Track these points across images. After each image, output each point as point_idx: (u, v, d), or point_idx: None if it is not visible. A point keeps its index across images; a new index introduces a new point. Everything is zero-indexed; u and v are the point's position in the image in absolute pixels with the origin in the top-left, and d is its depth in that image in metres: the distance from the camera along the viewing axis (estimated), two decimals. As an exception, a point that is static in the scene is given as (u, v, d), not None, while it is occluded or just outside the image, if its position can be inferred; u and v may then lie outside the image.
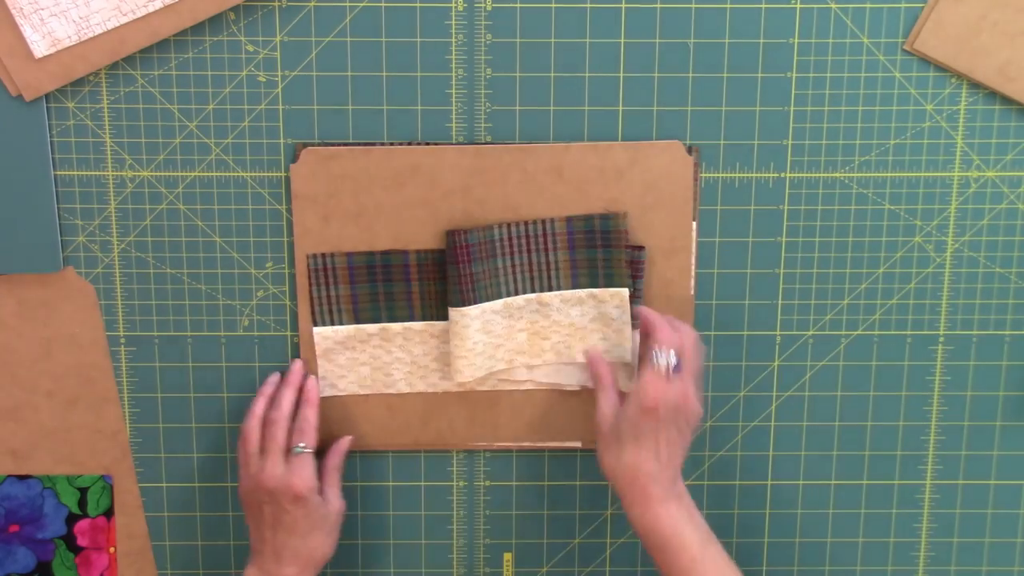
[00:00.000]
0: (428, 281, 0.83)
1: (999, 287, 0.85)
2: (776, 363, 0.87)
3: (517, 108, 0.82)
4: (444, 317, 0.84)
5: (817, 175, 0.84)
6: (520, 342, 0.84)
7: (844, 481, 0.88)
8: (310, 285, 0.83)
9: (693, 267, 0.84)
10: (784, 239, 0.85)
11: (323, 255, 0.82)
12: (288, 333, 0.86)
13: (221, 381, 0.86)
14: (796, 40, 0.81)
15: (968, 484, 0.89)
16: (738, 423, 0.88)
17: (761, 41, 0.81)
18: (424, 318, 0.84)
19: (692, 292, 0.85)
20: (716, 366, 0.86)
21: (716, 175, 0.83)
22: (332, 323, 0.83)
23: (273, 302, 0.85)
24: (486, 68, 0.82)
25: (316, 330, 0.83)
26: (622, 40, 0.81)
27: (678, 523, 0.76)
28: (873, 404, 0.87)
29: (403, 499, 0.88)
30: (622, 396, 0.80)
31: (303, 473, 0.78)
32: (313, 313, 0.83)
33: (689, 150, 0.82)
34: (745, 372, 0.87)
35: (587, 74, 0.82)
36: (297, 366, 0.84)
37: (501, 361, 0.84)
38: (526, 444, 0.87)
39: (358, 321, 0.84)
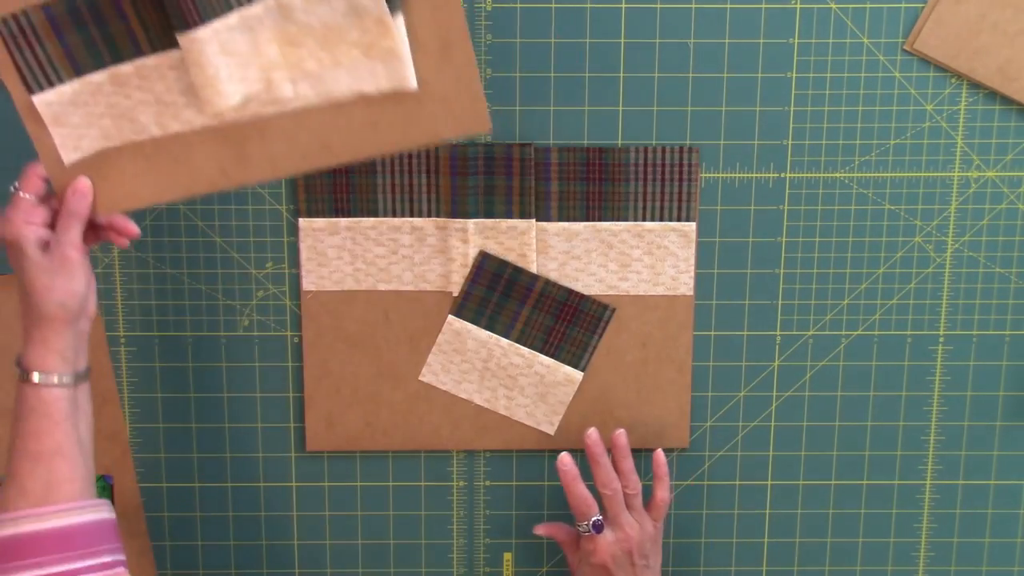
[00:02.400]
0: (145, 8, 0.69)
1: (999, 287, 0.85)
2: (776, 363, 0.87)
3: (517, 108, 0.82)
4: (177, 44, 0.70)
5: (817, 175, 0.84)
6: (272, 56, 0.73)
7: (844, 481, 0.88)
8: (11, 54, 0.70)
9: (692, 262, 0.84)
10: (784, 239, 0.85)
11: (14, 16, 0.69)
12: (288, 333, 0.86)
13: (221, 381, 0.86)
14: (796, 40, 0.81)
15: (968, 484, 0.89)
16: (738, 423, 0.88)
17: (761, 41, 0.81)
18: (154, 50, 0.71)
19: (692, 292, 0.85)
20: (716, 366, 0.86)
21: (716, 175, 0.83)
22: (51, 84, 0.71)
23: (273, 302, 0.85)
24: (486, 68, 0.81)
25: (35, 98, 0.70)
26: (622, 40, 0.81)
27: None
28: (873, 404, 0.87)
29: (403, 499, 0.88)
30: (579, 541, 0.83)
31: (8, 216, 0.69)
32: (25, 81, 0.70)
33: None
34: (745, 372, 0.87)
35: (587, 74, 0.82)
36: None
37: (256, 82, 0.73)
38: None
39: (79, 74, 0.71)
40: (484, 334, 0.85)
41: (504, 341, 0.85)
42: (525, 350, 0.85)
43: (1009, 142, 0.83)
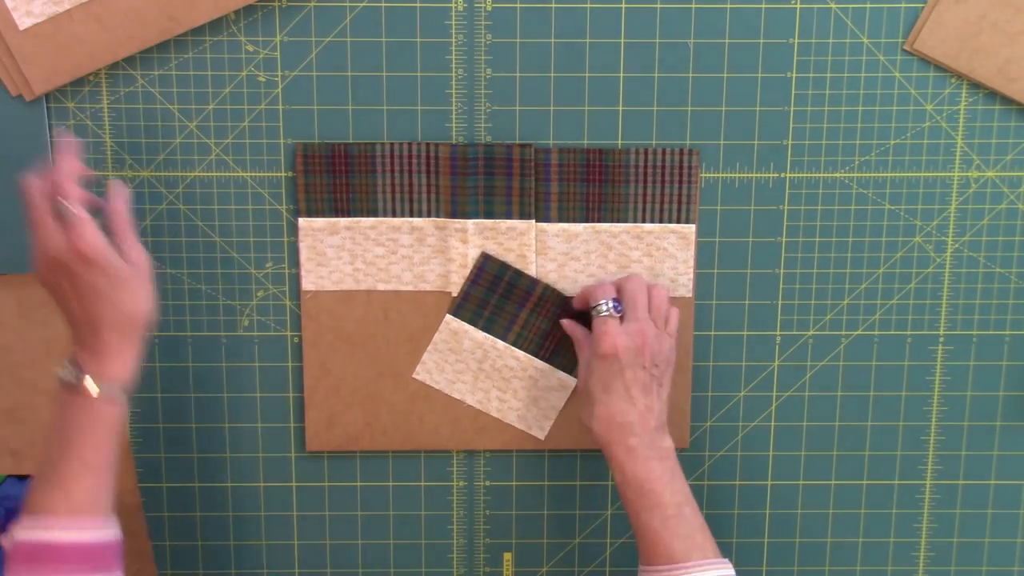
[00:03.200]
0: None
1: (999, 287, 0.85)
2: (776, 363, 0.87)
3: (517, 108, 0.82)
4: None
5: (817, 175, 0.84)
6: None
7: (844, 481, 0.88)
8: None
9: (693, 267, 0.84)
10: (784, 239, 0.85)
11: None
12: (288, 333, 0.86)
13: (221, 381, 0.86)
14: (796, 40, 0.81)
15: (968, 484, 0.89)
16: (738, 423, 0.88)
17: (761, 41, 0.81)
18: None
19: (692, 292, 0.85)
20: (716, 366, 0.86)
21: (716, 175, 0.83)
22: None
23: (273, 302, 0.85)
24: (486, 68, 0.82)
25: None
26: (622, 40, 0.81)
27: (656, 481, 0.75)
28: (873, 404, 0.87)
29: (403, 499, 0.88)
30: None
31: (85, 236, 0.69)
32: None
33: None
34: (745, 372, 0.87)
35: (587, 74, 0.82)
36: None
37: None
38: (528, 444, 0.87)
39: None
40: (481, 335, 0.85)
41: (500, 343, 0.85)
42: (521, 353, 0.85)
43: (1009, 142, 0.83)
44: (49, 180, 0.71)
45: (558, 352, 0.85)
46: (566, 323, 0.84)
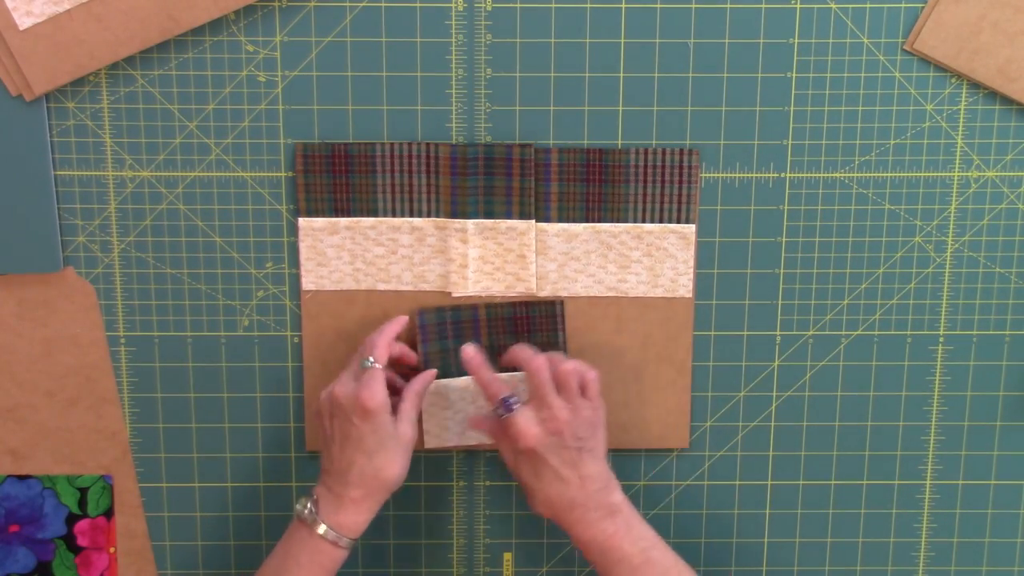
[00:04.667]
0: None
1: (999, 287, 0.85)
2: (776, 363, 0.87)
3: (517, 108, 0.82)
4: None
5: (817, 175, 0.84)
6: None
7: (844, 481, 0.88)
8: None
9: (693, 267, 0.84)
10: (784, 239, 0.85)
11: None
12: (288, 333, 0.86)
13: (221, 381, 0.86)
14: (796, 40, 0.81)
15: (968, 484, 0.89)
16: (738, 423, 0.87)
17: (761, 41, 0.81)
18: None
19: (692, 292, 0.85)
20: (716, 366, 0.86)
21: (716, 175, 0.83)
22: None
23: (273, 302, 0.85)
24: (486, 68, 0.82)
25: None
26: (622, 40, 0.81)
27: (614, 538, 0.76)
28: (873, 404, 0.87)
29: (403, 499, 0.88)
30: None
31: (372, 387, 0.75)
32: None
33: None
34: (745, 372, 0.87)
35: (587, 74, 0.82)
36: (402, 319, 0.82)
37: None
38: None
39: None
40: (460, 381, 0.85)
41: None
42: (504, 375, 0.85)
43: (1009, 142, 0.83)
44: (370, 339, 0.79)
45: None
46: (472, 421, 0.82)
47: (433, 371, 0.82)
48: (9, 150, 0.80)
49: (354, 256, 0.84)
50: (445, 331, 0.84)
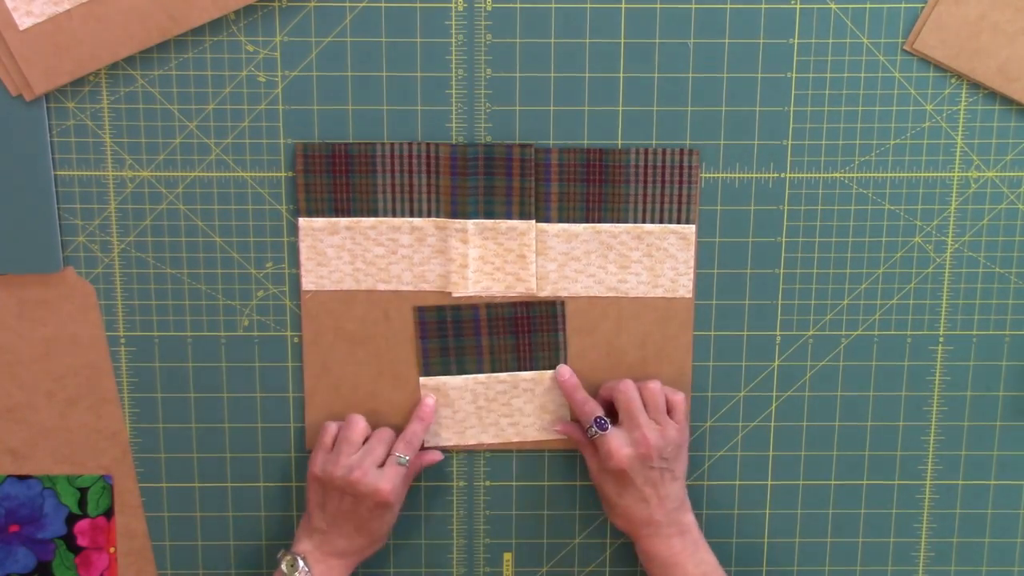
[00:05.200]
0: None
1: (999, 287, 0.85)
2: (776, 363, 0.87)
3: (517, 108, 0.82)
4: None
5: (817, 175, 0.84)
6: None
7: (844, 481, 0.88)
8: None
9: (693, 267, 0.84)
10: (784, 239, 0.85)
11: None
12: (288, 333, 0.86)
13: (221, 381, 0.86)
14: (796, 40, 0.81)
15: (968, 484, 0.89)
16: (738, 423, 0.87)
17: (761, 41, 0.81)
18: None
19: (692, 292, 0.85)
20: (716, 366, 0.86)
21: (716, 175, 0.83)
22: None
23: (273, 302, 0.85)
24: (486, 68, 0.82)
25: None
26: (622, 40, 0.81)
27: (679, 555, 0.80)
28: (873, 404, 0.87)
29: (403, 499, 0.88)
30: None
31: (396, 482, 0.79)
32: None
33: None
34: (745, 372, 0.87)
35: (587, 74, 0.82)
36: (431, 402, 0.85)
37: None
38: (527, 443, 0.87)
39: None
40: (459, 379, 0.85)
41: (481, 376, 0.85)
42: (504, 375, 0.85)
43: (1009, 142, 0.83)
44: (405, 434, 0.83)
45: (536, 356, 0.85)
46: (560, 428, 0.86)
47: (438, 454, 0.86)
48: (9, 150, 0.80)
49: (354, 256, 0.84)
50: (445, 329, 0.84)
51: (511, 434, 0.87)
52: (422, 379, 0.85)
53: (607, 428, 0.80)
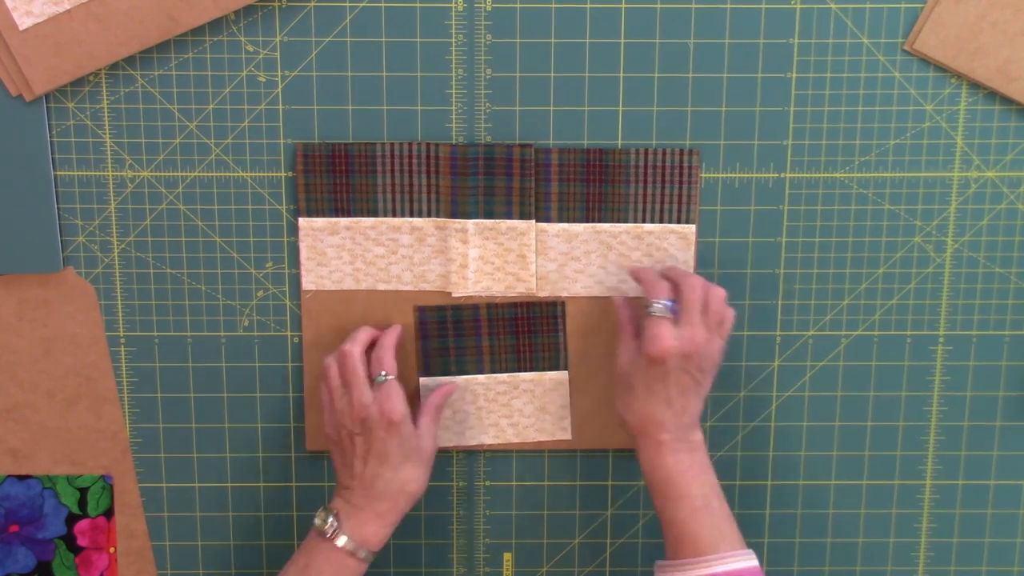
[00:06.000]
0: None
1: (999, 287, 0.85)
2: (776, 363, 0.87)
3: (517, 108, 0.82)
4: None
5: (817, 175, 0.84)
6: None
7: (844, 481, 0.88)
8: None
9: (692, 264, 0.84)
10: (784, 239, 0.85)
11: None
12: (288, 333, 0.86)
13: (221, 381, 0.86)
14: (796, 40, 0.81)
15: (968, 484, 0.89)
16: (738, 423, 0.88)
17: (761, 41, 0.81)
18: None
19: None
20: (716, 366, 0.86)
21: (716, 175, 0.83)
22: None
23: (273, 302, 0.85)
24: (486, 68, 0.82)
25: None
26: (622, 40, 0.81)
27: (685, 474, 0.76)
28: (873, 404, 0.87)
29: (403, 499, 0.88)
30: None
31: (394, 399, 0.77)
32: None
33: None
34: (745, 372, 0.87)
35: (587, 74, 0.82)
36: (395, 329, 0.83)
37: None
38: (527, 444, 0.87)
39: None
40: (460, 380, 0.85)
41: (481, 377, 0.85)
42: (504, 376, 0.85)
43: (1009, 142, 0.83)
44: (361, 351, 0.79)
45: (536, 357, 0.85)
46: (617, 300, 0.82)
47: (453, 385, 0.84)
48: (9, 150, 0.80)
49: (354, 256, 0.84)
50: (446, 329, 0.84)
51: (511, 435, 0.87)
52: (422, 379, 0.85)
53: (677, 313, 0.76)
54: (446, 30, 0.81)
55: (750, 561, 0.74)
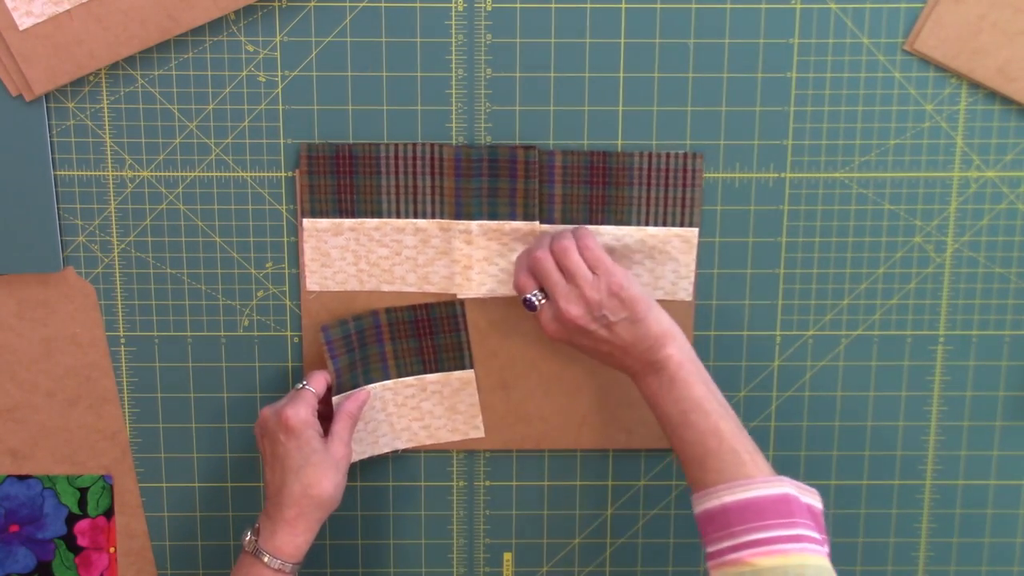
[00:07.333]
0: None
1: (999, 287, 0.85)
2: (776, 363, 0.87)
3: (517, 108, 0.82)
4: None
5: (817, 175, 0.84)
6: None
7: (844, 481, 0.88)
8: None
9: (693, 267, 0.84)
10: (784, 239, 0.85)
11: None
12: (288, 333, 0.85)
13: (221, 381, 0.86)
14: (796, 40, 0.81)
15: (968, 484, 0.89)
16: (738, 423, 0.88)
17: (761, 41, 0.81)
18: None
19: (692, 296, 0.85)
20: (716, 366, 0.86)
21: (716, 175, 0.83)
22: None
23: (273, 302, 0.85)
24: (486, 68, 0.82)
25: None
26: (622, 40, 0.81)
27: (656, 396, 0.75)
28: (873, 404, 0.87)
29: (403, 499, 0.88)
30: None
31: (297, 406, 0.77)
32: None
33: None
34: (745, 372, 0.87)
35: (587, 74, 0.82)
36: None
37: None
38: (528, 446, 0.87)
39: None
40: (369, 388, 0.84)
41: (388, 383, 0.85)
42: (411, 379, 0.85)
43: (1009, 142, 0.83)
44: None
45: (440, 358, 0.85)
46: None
47: (367, 392, 0.83)
48: (9, 150, 0.80)
49: (358, 257, 0.84)
50: (351, 342, 0.83)
51: (424, 437, 0.86)
52: (334, 399, 0.82)
53: (535, 307, 0.78)
54: (446, 30, 0.81)
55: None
